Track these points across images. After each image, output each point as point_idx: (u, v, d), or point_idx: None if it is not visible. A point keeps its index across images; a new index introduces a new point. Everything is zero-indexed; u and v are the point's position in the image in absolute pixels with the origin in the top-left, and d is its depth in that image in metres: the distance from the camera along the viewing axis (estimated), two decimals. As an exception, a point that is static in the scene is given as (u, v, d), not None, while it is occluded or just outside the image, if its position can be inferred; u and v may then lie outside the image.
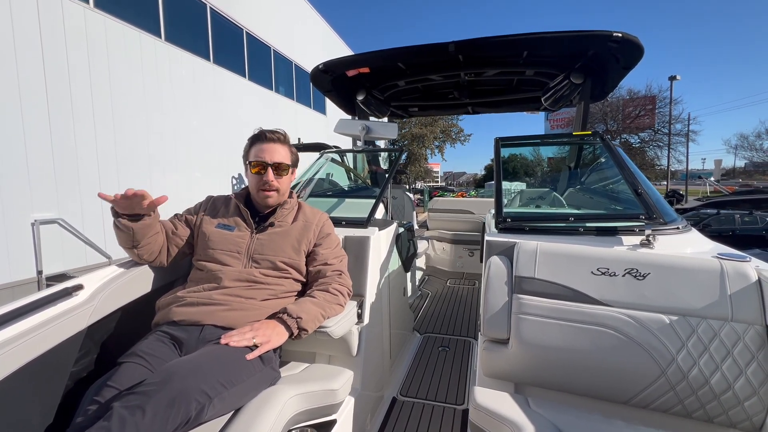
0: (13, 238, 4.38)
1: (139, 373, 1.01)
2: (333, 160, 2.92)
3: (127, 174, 5.73)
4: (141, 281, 1.35)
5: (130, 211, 1.22)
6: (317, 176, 2.70)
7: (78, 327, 1.11)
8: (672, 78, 18.88)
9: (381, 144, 5.48)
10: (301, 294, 1.39)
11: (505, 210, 1.68)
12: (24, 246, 4.49)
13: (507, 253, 1.41)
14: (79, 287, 1.15)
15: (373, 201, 1.97)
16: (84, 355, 1.14)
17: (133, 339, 1.16)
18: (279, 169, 1.38)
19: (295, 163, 1.48)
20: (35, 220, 4.53)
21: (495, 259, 1.39)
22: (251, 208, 1.45)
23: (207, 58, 7.64)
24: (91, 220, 5.20)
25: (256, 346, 1.10)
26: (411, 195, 4.41)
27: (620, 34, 2.05)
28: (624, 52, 2.21)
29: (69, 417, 0.96)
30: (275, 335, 1.14)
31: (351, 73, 2.81)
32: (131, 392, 0.88)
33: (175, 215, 1.46)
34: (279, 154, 1.38)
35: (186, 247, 1.41)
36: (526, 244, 1.35)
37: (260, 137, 1.40)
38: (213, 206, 1.47)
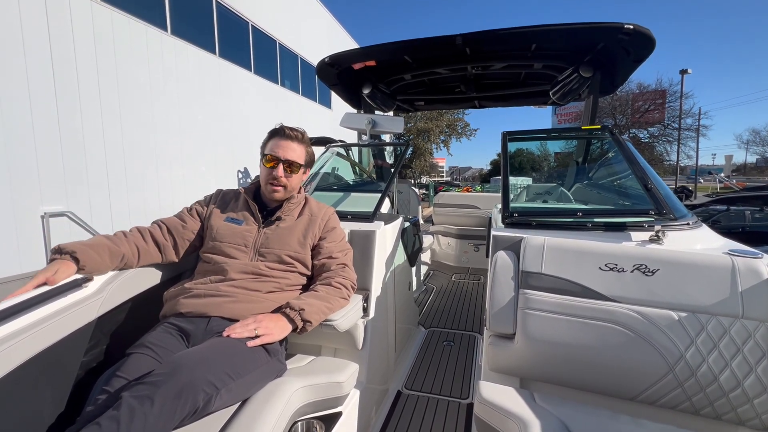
0: (23, 231, 4.44)
1: (147, 363, 1.02)
2: (338, 154, 2.91)
3: (134, 167, 5.77)
4: (149, 273, 1.36)
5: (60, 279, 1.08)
6: (323, 170, 2.70)
7: (88, 318, 1.13)
8: (683, 71, 18.54)
9: (386, 138, 5.45)
10: (307, 287, 1.40)
11: (511, 205, 1.67)
12: (34, 238, 4.55)
13: (514, 248, 1.40)
14: (89, 279, 1.16)
15: (379, 195, 1.96)
16: (94, 345, 1.16)
17: (142, 330, 1.17)
18: (290, 166, 1.39)
19: (309, 164, 1.49)
20: (45, 213, 4.59)
21: (501, 254, 1.38)
22: (259, 202, 1.46)
23: (213, 51, 7.63)
24: (99, 212, 5.25)
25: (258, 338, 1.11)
26: (416, 190, 4.41)
27: (631, 26, 2.00)
28: (635, 45, 2.17)
29: (80, 406, 0.98)
30: (278, 328, 1.15)
31: (357, 66, 2.79)
32: (140, 382, 0.89)
33: (185, 208, 1.47)
34: (293, 152, 1.40)
35: (197, 240, 1.42)
36: (533, 239, 1.34)
37: (279, 132, 1.41)
38: (222, 200, 1.48)
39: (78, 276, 1.14)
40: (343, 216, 1.74)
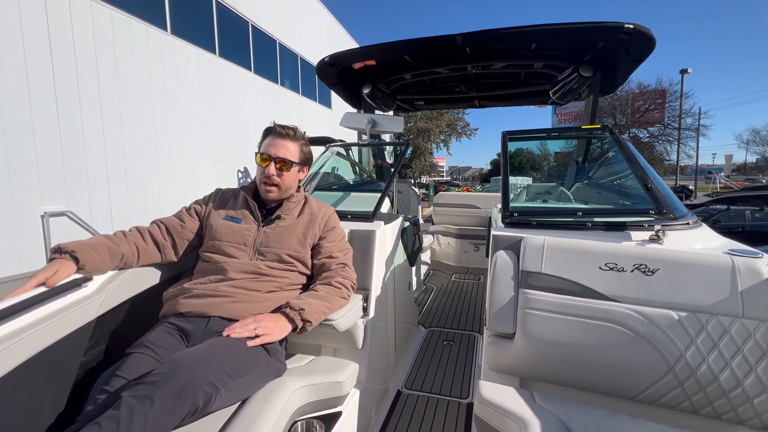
0: (23, 231, 4.44)
1: (147, 363, 1.02)
2: (338, 154, 2.91)
3: (134, 167, 5.77)
4: (149, 273, 1.36)
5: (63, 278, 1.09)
6: (323, 170, 2.70)
7: (87, 318, 1.13)
8: (683, 71, 18.55)
9: (386, 138, 5.46)
10: (307, 287, 1.40)
11: (511, 204, 1.67)
12: (34, 238, 4.55)
13: (514, 247, 1.40)
14: (88, 278, 1.16)
15: (379, 195, 1.96)
16: (93, 345, 1.16)
17: (142, 330, 1.17)
18: (283, 164, 1.38)
19: (305, 162, 1.47)
20: (45, 213, 4.59)
21: (501, 254, 1.38)
22: (259, 201, 1.45)
23: (213, 51, 7.63)
24: (99, 212, 5.25)
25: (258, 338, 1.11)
26: (416, 189, 4.41)
27: (632, 26, 2.00)
28: (635, 44, 2.17)
29: (80, 406, 0.98)
30: (277, 328, 1.15)
31: (357, 65, 2.79)
32: (140, 382, 0.89)
33: (183, 208, 1.47)
34: (286, 149, 1.39)
35: (196, 239, 1.42)
36: (533, 238, 1.34)
37: (272, 130, 1.41)
38: (221, 198, 1.48)
39: (78, 275, 1.13)
40: (343, 216, 1.74)
